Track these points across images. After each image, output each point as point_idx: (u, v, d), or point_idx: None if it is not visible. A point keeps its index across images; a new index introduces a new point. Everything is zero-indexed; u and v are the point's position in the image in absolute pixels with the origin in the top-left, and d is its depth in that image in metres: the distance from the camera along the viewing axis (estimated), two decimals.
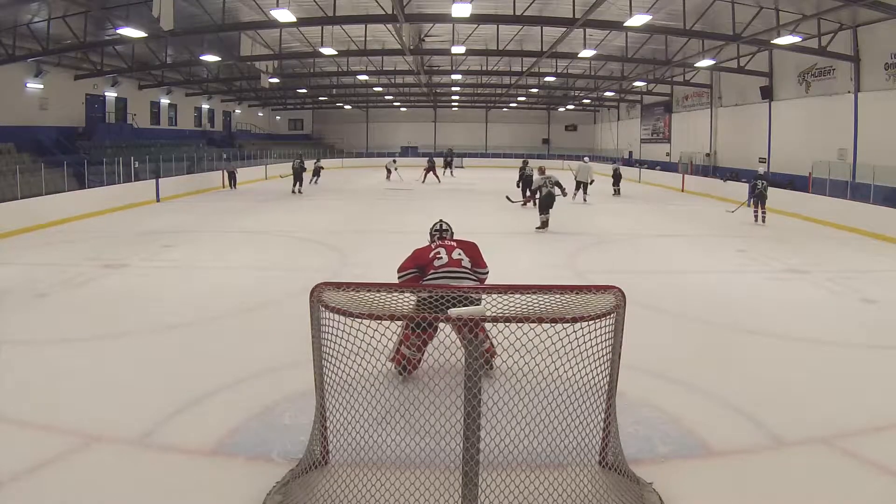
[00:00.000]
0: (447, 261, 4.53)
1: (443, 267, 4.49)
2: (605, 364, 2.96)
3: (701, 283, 8.05)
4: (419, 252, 4.72)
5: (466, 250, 4.70)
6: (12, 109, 18.31)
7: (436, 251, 4.62)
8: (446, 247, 4.68)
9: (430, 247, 4.74)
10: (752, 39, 15.93)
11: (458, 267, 4.54)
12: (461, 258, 4.59)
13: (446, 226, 5.15)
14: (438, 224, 5.17)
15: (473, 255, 4.71)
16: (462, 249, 4.68)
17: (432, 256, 4.57)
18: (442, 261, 4.53)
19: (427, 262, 4.56)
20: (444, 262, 4.52)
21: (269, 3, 15.44)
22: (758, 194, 13.99)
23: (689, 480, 3.27)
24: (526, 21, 15.96)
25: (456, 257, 4.57)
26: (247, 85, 29.96)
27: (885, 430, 3.83)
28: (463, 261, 4.60)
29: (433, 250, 4.64)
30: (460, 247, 4.70)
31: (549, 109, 43.51)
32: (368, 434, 3.12)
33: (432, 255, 4.58)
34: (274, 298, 6.95)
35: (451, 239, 4.95)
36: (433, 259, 4.56)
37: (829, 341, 5.65)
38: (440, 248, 4.67)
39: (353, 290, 3.26)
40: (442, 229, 5.09)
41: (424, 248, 4.75)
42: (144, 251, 9.89)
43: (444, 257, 4.55)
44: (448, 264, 4.52)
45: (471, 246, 4.79)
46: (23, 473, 3.22)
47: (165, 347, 5.35)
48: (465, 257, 4.63)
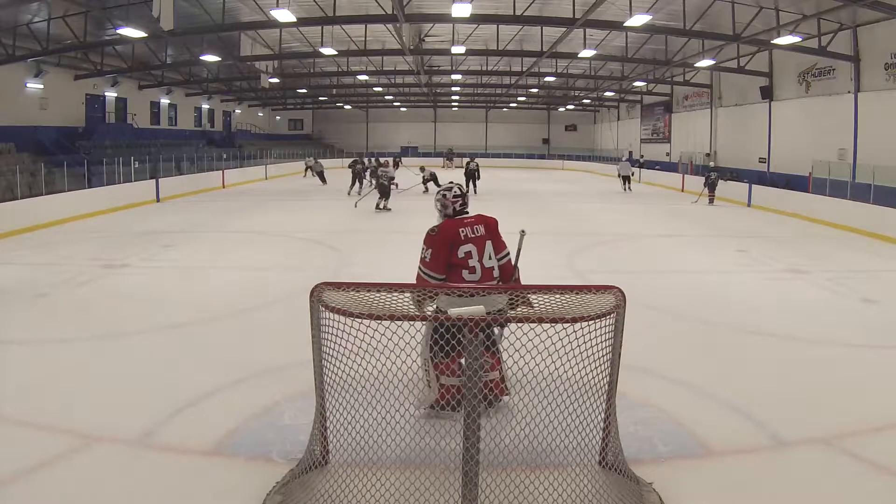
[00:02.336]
0: (480, 275, 3.71)
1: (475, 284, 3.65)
2: (605, 364, 2.96)
3: (701, 282, 8.05)
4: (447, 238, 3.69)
5: (494, 239, 3.85)
6: (12, 109, 18.32)
7: (465, 249, 3.71)
8: (477, 242, 3.75)
9: (457, 232, 3.72)
10: (752, 39, 15.94)
11: (490, 279, 3.78)
12: (492, 266, 3.79)
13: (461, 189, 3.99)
14: (458, 188, 3.97)
15: (497, 242, 3.87)
16: (490, 239, 3.82)
17: (463, 257, 3.69)
18: (475, 275, 3.70)
19: (456, 262, 3.69)
20: (477, 277, 3.71)
21: (269, 3, 15.45)
22: (710, 183, 18.02)
23: (689, 480, 3.27)
24: (526, 21, 15.96)
25: (487, 265, 3.75)
26: (247, 85, 29.98)
27: (885, 430, 3.83)
28: (494, 269, 3.81)
29: (461, 244, 3.70)
30: (488, 235, 3.82)
31: (549, 109, 43.53)
32: (368, 434, 3.12)
33: (463, 254, 3.70)
34: (274, 298, 6.95)
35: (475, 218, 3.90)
36: (463, 263, 3.69)
37: (829, 341, 5.64)
38: (470, 244, 3.72)
39: (353, 290, 3.26)
40: (462, 193, 3.94)
41: (453, 234, 3.71)
42: (144, 251, 9.89)
43: (476, 266, 3.71)
44: (481, 280, 3.72)
45: (493, 226, 3.90)
46: (23, 473, 3.22)
47: (165, 347, 5.34)
48: (495, 258, 3.83)
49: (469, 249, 3.71)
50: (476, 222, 3.84)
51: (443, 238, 3.69)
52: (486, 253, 3.78)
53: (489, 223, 3.89)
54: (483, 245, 3.77)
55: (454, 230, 3.74)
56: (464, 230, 3.75)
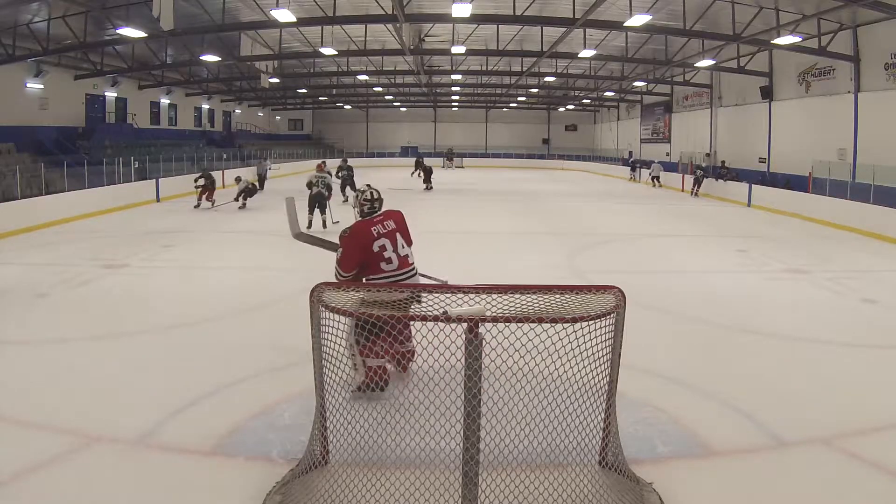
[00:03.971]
0: (397, 263, 4.11)
1: (394, 273, 4.10)
2: (605, 364, 2.96)
3: (701, 282, 8.05)
4: (360, 237, 4.09)
5: (404, 233, 4.26)
6: (12, 109, 18.32)
7: (379, 244, 4.09)
8: (389, 235, 4.14)
9: (369, 231, 4.11)
10: (752, 39, 15.94)
11: (407, 266, 4.19)
12: (407, 253, 4.21)
13: (377, 194, 4.36)
14: (370, 192, 4.34)
15: (406, 234, 4.29)
16: (401, 232, 4.22)
17: (378, 251, 4.07)
18: (392, 264, 4.10)
19: (372, 257, 4.06)
20: (395, 265, 4.11)
21: (269, 3, 15.46)
22: (697, 179, 21.33)
23: (689, 480, 3.27)
24: (526, 21, 15.96)
25: (402, 253, 4.16)
26: (247, 85, 29.99)
27: (885, 430, 3.83)
28: (409, 255, 4.23)
29: (376, 240, 4.09)
30: (398, 228, 4.22)
31: (549, 109, 43.52)
32: (368, 434, 3.12)
33: (377, 248, 4.07)
34: (274, 298, 6.95)
35: (385, 214, 4.29)
36: (379, 256, 4.07)
37: (828, 341, 5.64)
38: (383, 238, 4.11)
39: (353, 290, 3.26)
40: (374, 199, 4.31)
41: (364, 233, 4.10)
42: (144, 251, 9.89)
43: (392, 256, 4.10)
44: (399, 267, 4.13)
45: (400, 220, 4.31)
46: (23, 473, 3.22)
47: (165, 347, 5.34)
48: (408, 247, 4.24)
49: (383, 243, 4.11)
50: (385, 218, 4.25)
51: (355, 240, 4.11)
52: (399, 243, 4.19)
53: (396, 217, 4.31)
54: (395, 237, 4.18)
55: (366, 230, 4.13)
56: (375, 228, 4.15)
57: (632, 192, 22.81)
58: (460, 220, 14.17)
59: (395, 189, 22.38)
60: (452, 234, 11.45)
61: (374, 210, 4.31)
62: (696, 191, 21.31)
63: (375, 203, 4.32)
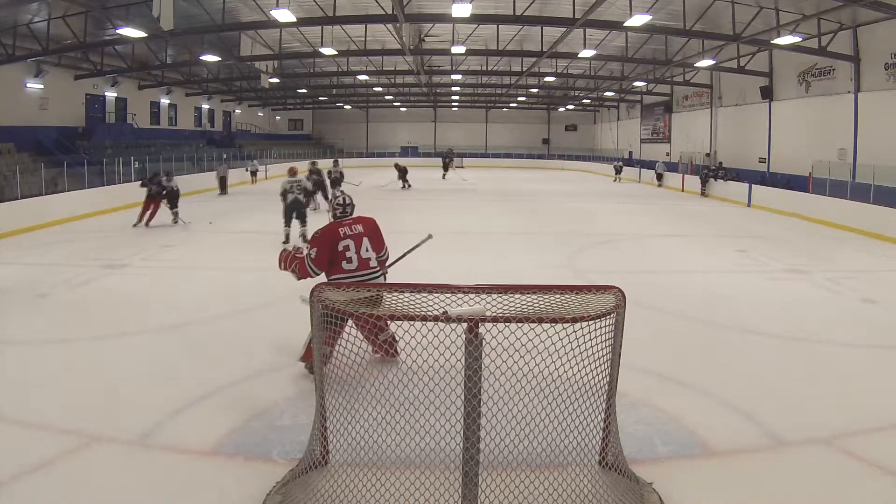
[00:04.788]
0: (357, 264, 4.40)
1: (353, 272, 4.38)
2: (605, 364, 2.96)
3: (701, 283, 8.05)
4: (328, 236, 4.41)
5: (372, 238, 4.53)
6: (12, 109, 18.32)
7: (344, 244, 4.40)
8: (354, 238, 4.44)
9: (337, 231, 4.44)
10: (752, 39, 15.93)
11: (367, 269, 4.45)
12: (369, 256, 4.47)
13: (349, 199, 4.71)
14: (342, 198, 4.70)
15: (377, 239, 4.58)
16: (368, 237, 4.50)
17: (342, 250, 4.38)
18: (351, 264, 4.39)
19: (337, 255, 4.37)
20: (354, 266, 4.39)
21: (269, 3, 15.45)
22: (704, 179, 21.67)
23: (689, 480, 3.27)
24: (526, 21, 15.95)
25: (364, 255, 4.44)
26: (247, 85, 29.97)
27: (885, 430, 3.83)
28: (371, 259, 4.49)
29: (342, 239, 4.40)
30: (366, 233, 4.51)
31: (549, 109, 43.52)
32: (368, 434, 3.12)
33: (342, 247, 4.38)
34: (274, 298, 6.94)
35: (355, 219, 4.60)
36: (342, 255, 4.37)
37: (829, 341, 5.65)
38: (349, 239, 4.42)
39: (353, 290, 3.26)
40: (345, 203, 4.65)
41: (332, 233, 4.43)
42: (144, 251, 9.89)
43: (353, 256, 4.39)
44: (358, 268, 4.40)
45: (373, 226, 4.60)
46: (23, 473, 3.22)
47: (165, 347, 5.34)
48: (372, 251, 4.50)
49: (347, 244, 4.41)
50: (355, 222, 4.56)
51: (324, 239, 4.42)
52: (364, 247, 4.47)
53: (367, 223, 4.60)
54: (360, 240, 4.47)
55: (334, 231, 4.46)
56: (343, 229, 4.47)
57: (632, 192, 22.81)
58: (460, 221, 14.16)
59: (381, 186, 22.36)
60: (452, 235, 11.44)
61: (346, 214, 4.64)
62: (704, 191, 21.44)
63: (347, 208, 4.66)
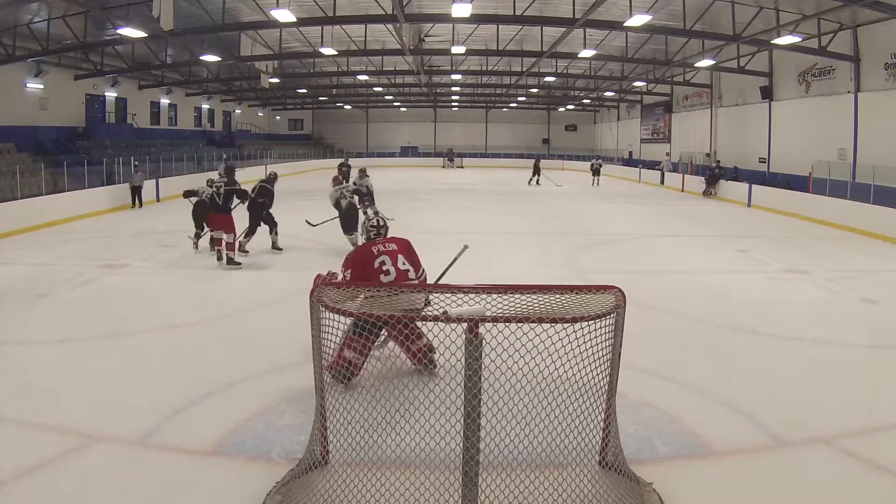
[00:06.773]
0: (395, 275, 4.43)
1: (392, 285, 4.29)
2: (605, 364, 2.96)
3: (701, 283, 8.05)
4: (361, 257, 4.55)
5: (407, 255, 4.60)
6: (12, 109, 18.30)
7: (380, 260, 4.47)
8: (390, 254, 4.52)
9: (370, 250, 4.56)
10: (752, 39, 15.92)
11: (406, 280, 4.47)
12: (407, 269, 4.51)
13: (383, 221, 5.05)
14: (376, 220, 5.05)
15: (412, 258, 4.64)
16: (403, 254, 4.56)
17: (378, 267, 4.43)
18: (389, 276, 4.41)
19: (372, 273, 4.41)
20: (392, 278, 4.41)
21: (269, 3, 15.44)
22: (710, 179, 21.24)
23: (689, 480, 3.27)
24: (526, 21, 15.95)
25: (402, 268, 4.48)
26: (247, 85, 29.95)
27: (885, 430, 3.83)
28: (409, 272, 4.51)
29: (376, 258, 4.48)
30: (400, 251, 4.58)
31: (549, 109, 43.49)
32: (368, 434, 3.12)
33: (377, 264, 4.44)
34: (274, 298, 6.95)
35: (388, 238, 4.78)
36: (379, 271, 4.42)
37: (828, 341, 5.64)
38: (384, 255, 4.50)
39: (353, 290, 3.26)
40: (379, 226, 4.96)
41: (365, 253, 4.57)
42: (144, 251, 9.89)
43: (391, 269, 4.43)
44: (397, 280, 4.42)
45: (407, 246, 4.69)
46: (23, 473, 3.22)
47: (165, 347, 5.34)
48: (409, 265, 4.54)
49: (383, 259, 4.50)
50: (388, 241, 4.70)
51: (357, 259, 4.56)
52: (400, 261, 4.53)
53: (400, 243, 4.70)
54: (395, 256, 4.54)
55: (367, 250, 4.61)
56: (376, 247, 4.59)
57: (632, 192, 22.81)
58: (460, 221, 14.16)
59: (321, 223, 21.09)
60: (452, 235, 11.42)
61: (380, 235, 4.89)
62: (710, 191, 21.03)
63: (381, 230, 4.95)
